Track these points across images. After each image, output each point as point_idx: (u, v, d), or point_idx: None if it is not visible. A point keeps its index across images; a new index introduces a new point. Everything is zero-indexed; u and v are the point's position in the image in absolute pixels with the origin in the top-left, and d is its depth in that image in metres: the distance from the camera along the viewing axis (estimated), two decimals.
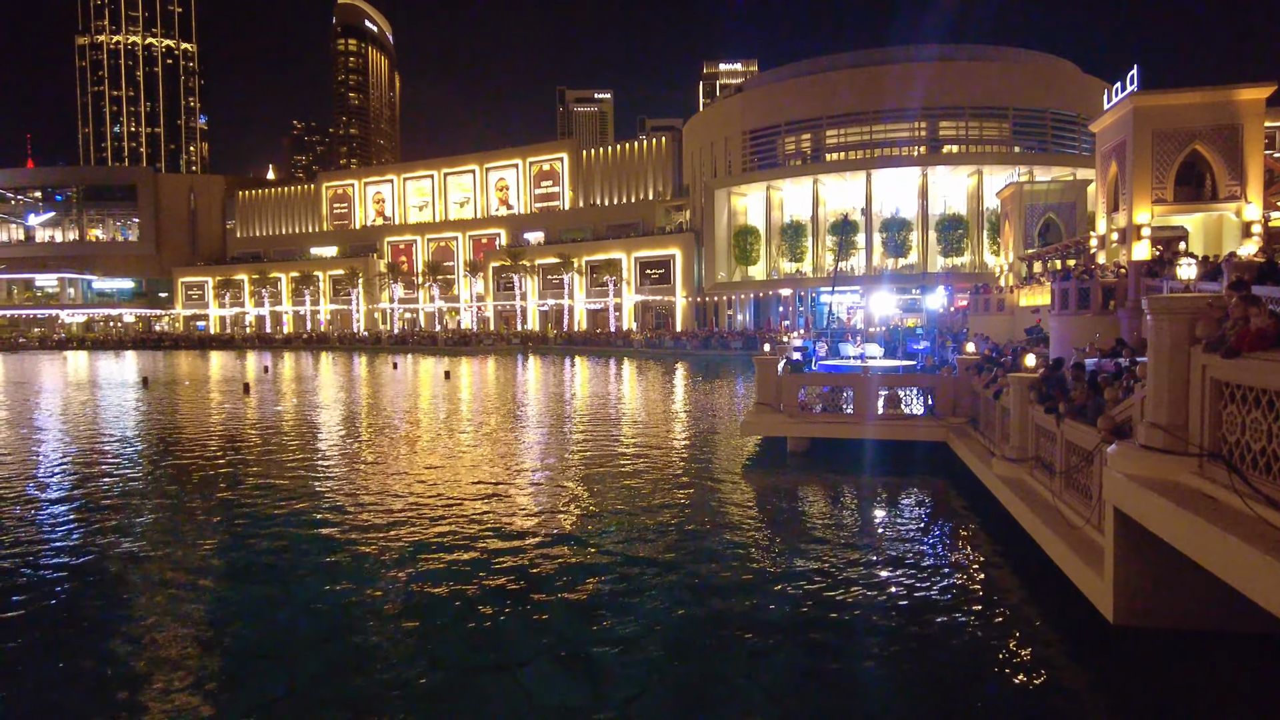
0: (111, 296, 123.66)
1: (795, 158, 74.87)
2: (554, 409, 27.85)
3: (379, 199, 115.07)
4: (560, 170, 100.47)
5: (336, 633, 8.21)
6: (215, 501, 13.95)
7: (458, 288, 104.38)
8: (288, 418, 26.54)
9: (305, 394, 35.29)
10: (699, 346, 67.05)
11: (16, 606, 8.86)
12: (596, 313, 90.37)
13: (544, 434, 21.75)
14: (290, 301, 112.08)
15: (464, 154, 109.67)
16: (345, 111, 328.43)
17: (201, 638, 8.03)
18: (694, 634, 8.18)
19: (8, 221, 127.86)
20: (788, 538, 11.47)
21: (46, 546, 11.18)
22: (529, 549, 10.72)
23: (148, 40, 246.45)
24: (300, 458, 18.34)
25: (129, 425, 24.98)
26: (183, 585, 9.62)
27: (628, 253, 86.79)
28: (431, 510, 12.88)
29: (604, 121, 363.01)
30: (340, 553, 10.74)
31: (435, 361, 61.62)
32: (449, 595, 9.07)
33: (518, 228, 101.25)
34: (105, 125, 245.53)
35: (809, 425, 17.76)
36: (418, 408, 29.01)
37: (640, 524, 12.03)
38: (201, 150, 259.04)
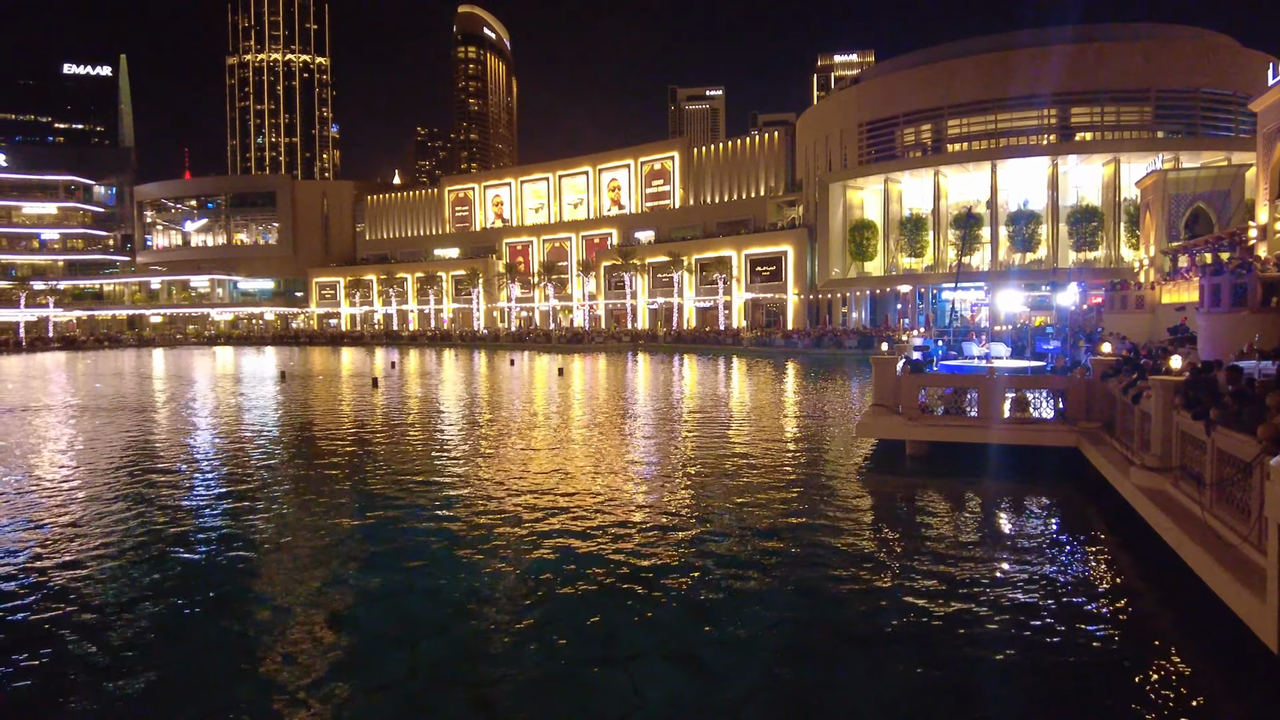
0: (254, 296, 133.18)
1: (915, 149, 72.23)
2: (663, 406, 28.00)
3: (498, 201, 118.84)
4: (671, 169, 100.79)
5: (454, 619, 8.55)
6: (345, 490, 14.77)
7: (571, 287, 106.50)
8: (412, 411, 27.82)
9: (429, 388, 36.89)
10: (811, 345, 65.79)
11: (171, 581, 9.67)
12: (706, 311, 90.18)
13: (653, 431, 21.90)
14: (415, 300, 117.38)
15: (577, 156, 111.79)
16: (465, 117, 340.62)
17: (332, 618, 8.54)
18: (805, 639, 8.05)
19: (168, 228, 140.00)
20: (905, 545, 11.11)
21: (197, 527, 12.15)
22: (639, 546, 10.84)
23: (287, 57, 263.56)
24: (424, 449, 19.18)
25: (268, 416, 26.84)
26: (315, 568, 10.26)
27: (738, 250, 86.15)
28: (545, 503, 13.21)
29: (715, 119, 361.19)
30: (459, 542, 11.17)
31: (549, 358, 63.10)
32: (561, 587, 9.29)
33: (629, 227, 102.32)
34: (250, 137, 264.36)
35: (929, 428, 17.11)
36: (533, 403, 29.80)
37: (750, 525, 11.94)
38: (334, 158, 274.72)
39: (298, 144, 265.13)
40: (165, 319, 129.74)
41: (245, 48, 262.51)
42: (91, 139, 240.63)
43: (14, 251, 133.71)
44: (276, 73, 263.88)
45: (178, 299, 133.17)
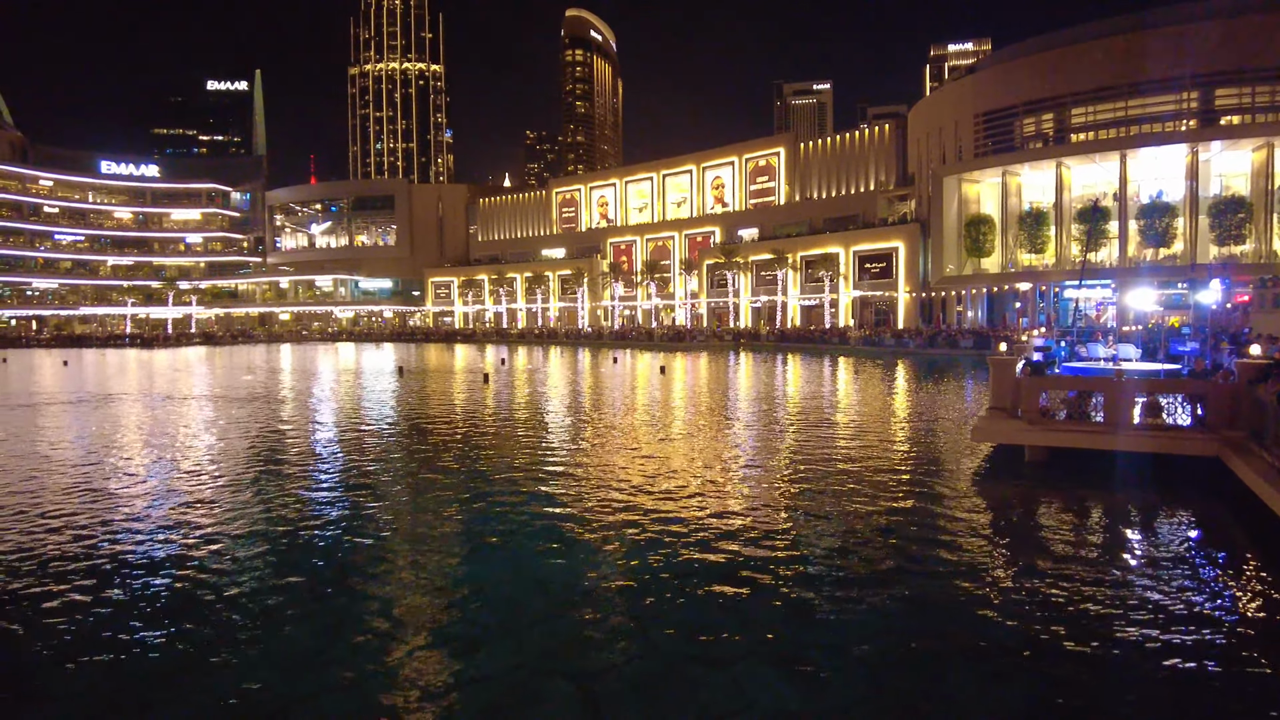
0: (374, 294, 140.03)
1: (1035, 140, 68.52)
2: (766, 406, 27.65)
3: (603, 202, 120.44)
4: (776, 165, 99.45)
5: (559, 610, 8.70)
6: (456, 480, 15.28)
7: (673, 285, 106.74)
8: (520, 406, 28.55)
9: (536, 385, 37.76)
10: (923, 345, 63.52)
11: (294, 562, 10.25)
12: (811, 309, 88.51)
13: (756, 431, 21.65)
14: (524, 299, 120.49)
15: (681, 154, 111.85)
16: (572, 120, 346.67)
17: (442, 606, 8.84)
18: (914, 648, 7.76)
19: (296, 230, 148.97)
20: (1022, 556, 10.54)
21: (320, 512, 12.84)
22: (742, 546, 10.72)
23: (404, 65, 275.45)
24: (531, 443, 19.63)
25: (387, 408, 28.10)
26: (426, 554, 10.65)
27: (845, 246, 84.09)
28: (648, 499, 13.26)
29: (822, 113, 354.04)
30: (563, 534, 11.36)
31: (651, 356, 63.44)
32: (663, 584, 9.29)
33: (732, 225, 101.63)
34: (370, 143, 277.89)
35: (1051, 433, 16.19)
36: (635, 400, 30.03)
37: (857, 529, 11.62)
38: (448, 162, 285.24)
39: (414, 149, 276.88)
40: (293, 316, 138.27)
41: (366, 58, 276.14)
42: (229, 149, 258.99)
43: (164, 254, 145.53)
44: (394, 81, 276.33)
45: (304, 297, 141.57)
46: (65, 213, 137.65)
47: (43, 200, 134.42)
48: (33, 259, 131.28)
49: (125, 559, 10.38)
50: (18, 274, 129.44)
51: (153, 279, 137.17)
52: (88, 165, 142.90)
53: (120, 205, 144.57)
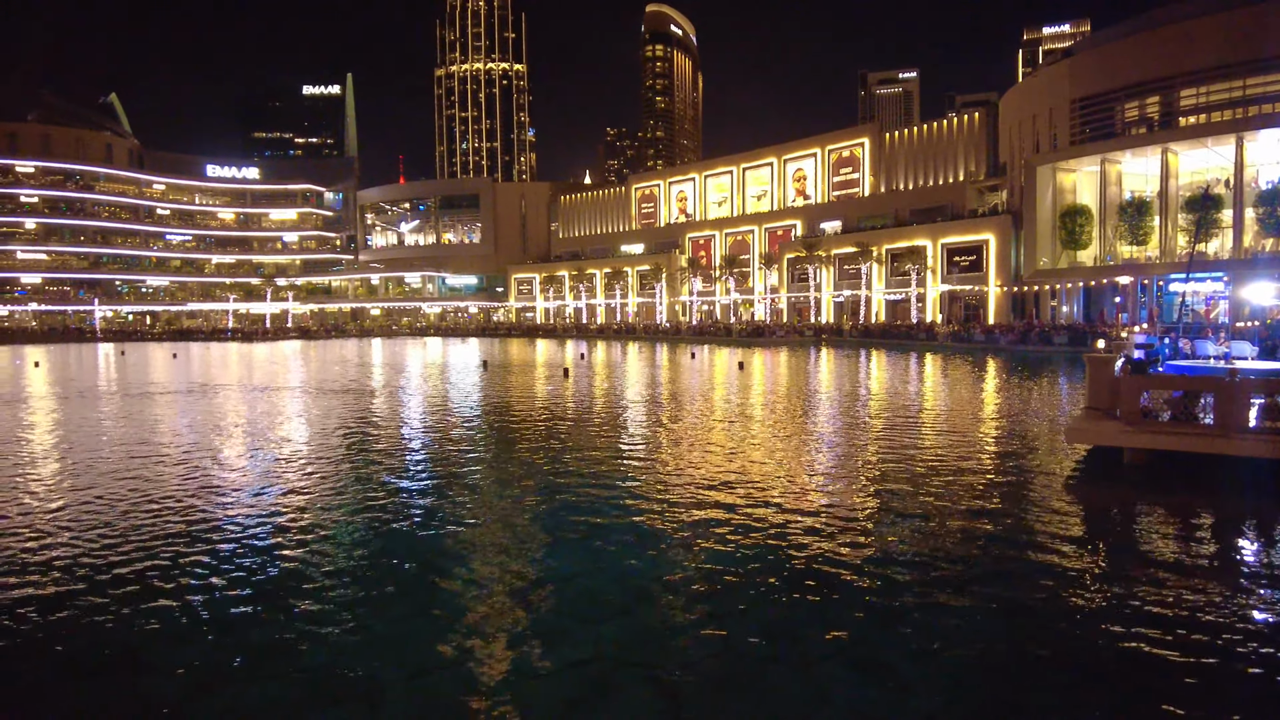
0: (459, 291, 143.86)
1: (1138, 125, 64.86)
2: (849, 403, 27.12)
3: (681, 197, 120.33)
4: (860, 156, 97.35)
5: (638, 604, 8.75)
6: (538, 472, 15.54)
7: (752, 280, 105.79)
8: (600, 399, 28.83)
9: (614, 379, 38.06)
10: (1014, 341, 61.13)
11: (382, 549, 10.62)
12: (896, 304, 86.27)
13: (838, 428, 21.26)
14: (603, 295, 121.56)
15: (762, 147, 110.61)
16: (652, 115, 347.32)
17: (524, 595, 9.01)
18: (1001, 656, 7.49)
19: (386, 229, 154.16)
20: (1119, 565, 10.03)
21: (407, 501, 13.26)
22: (822, 545, 10.55)
23: (488, 65, 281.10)
24: (610, 436, 19.80)
25: (472, 401, 28.81)
26: (509, 544, 10.88)
27: (933, 239, 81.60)
28: (727, 496, 13.19)
29: (908, 102, 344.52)
30: (642, 528, 11.41)
31: (729, 352, 63.05)
32: (742, 583, 9.23)
33: (814, 218, 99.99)
34: (456, 143, 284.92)
35: (1153, 435, 15.33)
36: (713, 395, 29.91)
37: (942, 531, 11.27)
38: (530, 160, 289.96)
39: (498, 148, 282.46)
40: (383, 312, 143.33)
41: (451, 59, 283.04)
42: (323, 150, 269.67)
43: (263, 252, 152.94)
44: (479, 81, 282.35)
45: (394, 294, 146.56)
46: (175, 214, 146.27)
47: (156, 203, 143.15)
48: (147, 258, 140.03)
49: (228, 541, 10.97)
50: (134, 272, 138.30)
51: (252, 276, 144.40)
52: (195, 169, 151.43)
53: (223, 206, 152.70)
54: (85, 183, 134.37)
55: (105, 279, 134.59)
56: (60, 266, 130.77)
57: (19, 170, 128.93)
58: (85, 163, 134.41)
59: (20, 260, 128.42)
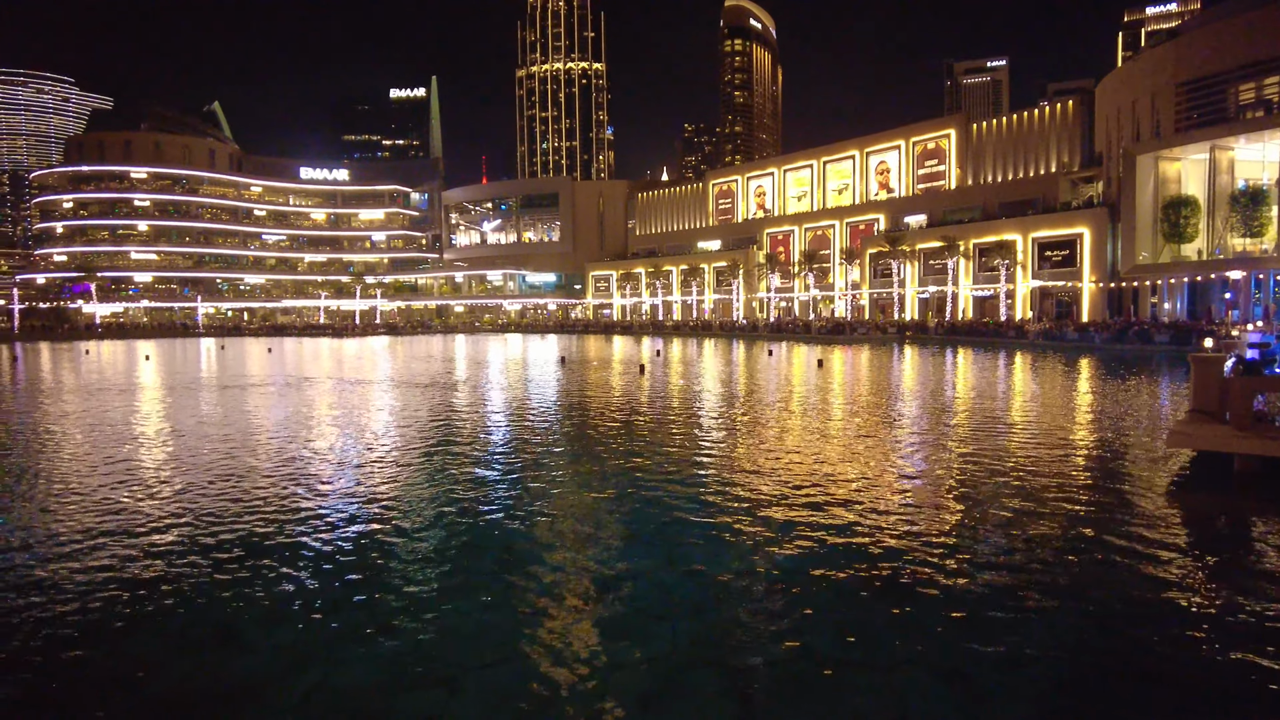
0: (539, 288, 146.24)
1: (1254, 108, 60.64)
2: (933, 403, 26.33)
3: (760, 192, 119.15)
4: (946, 148, 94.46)
5: (712, 602, 8.69)
6: (613, 466, 15.62)
7: (832, 276, 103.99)
8: (675, 396, 28.81)
9: (690, 376, 37.98)
10: (1110, 339, 58.24)
11: (461, 540, 10.85)
12: (984, 300, 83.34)
13: (921, 429, 20.67)
14: (679, 292, 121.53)
15: (843, 140, 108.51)
16: (731, 110, 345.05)
17: (599, 589, 9.06)
18: (1092, 670, 7.13)
19: (469, 228, 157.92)
20: (1227, 578, 9.40)
21: (486, 493, 13.52)
22: (901, 548, 10.26)
23: (568, 65, 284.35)
24: (685, 433, 19.77)
25: (550, 396, 29.21)
26: (585, 537, 10.96)
27: (1023, 233, 78.49)
28: (804, 497, 12.99)
29: (997, 91, 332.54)
30: (716, 525, 11.33)
31: (808, 349, 62.10)
32: (817, 583, 9.07)
33: (897, 211, 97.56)
34: (536, 143, 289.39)
35: (1267, 441, 14.33)
36: (791, 393, 29.51)
37: (1031, 538, 10.81)
38: (608, 158, 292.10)
39: (577, 147, 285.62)
40: (466, 309, 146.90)
41: (532, 60, 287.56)
42: (409, 152, 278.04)
43: (353, 251, 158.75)
44: (559, 81, 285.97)
45: (476, 291, 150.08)
46: (271, 215, 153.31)
47: (253, 204, 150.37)
48: (245, 257, 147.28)
49: (316, 527, 11.42)
50: (234, 271, 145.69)
51: (342, 274, 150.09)
52: (289, 171, 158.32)
53: (315, 207, 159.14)
54: (190, 186, 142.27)
55: (207, 277, 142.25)
56: (168, 266, 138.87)
57: (133, 176, 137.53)
58: (191, 168, 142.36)
59: (134, 260, 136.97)
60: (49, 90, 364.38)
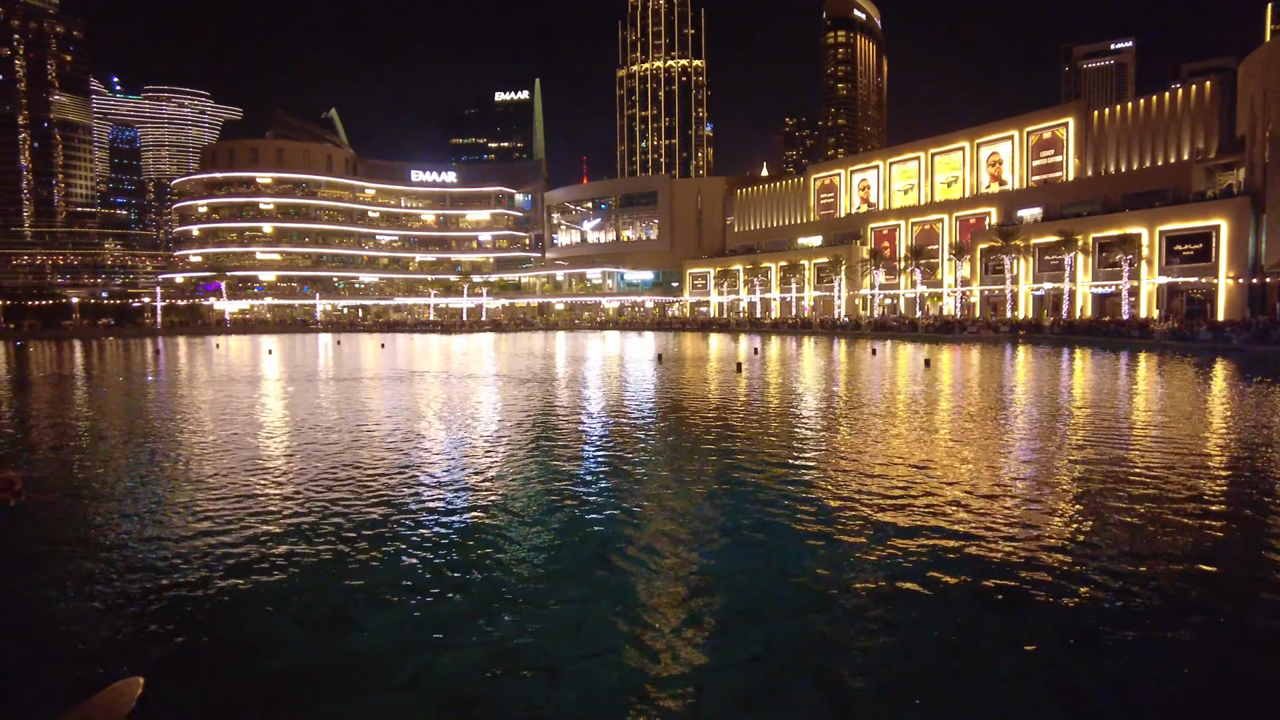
0: (636, 286, 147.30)
1: None
2: (1048, 407, 25.03)
3: (864, 186, 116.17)
4: (1064, 137, 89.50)
5: (811, 606, 8.53)
6: (709, 464, 15.56)
7: (941, 272, 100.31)
8: (773, 395, 28.46)
9: (788, 374, 37.43)
10: (1251, 340, 53.83)
11: (559, 532, 11.04)
12: (1104, 298, 78.60)
13: (1033, 434, 19.68)
14: (778, 289, 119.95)
15: (952, 131, 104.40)
16: (833, 103, 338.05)
17: (696, 588, 9.05)
18: (1218, 691, 6.61)
19: (570, 227, 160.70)
20: None
21: (583, 487, 13.71)
22: (1013, 559, 9.79)
23: (668, 63, 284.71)
24: (783, 433, 19.50)
25: (646, 392, 29.37)
26: (680, 535, 10.97)
27: (1149, 226, 73.53)
28: (907, 500, 12.60)
29: (1121, 75, 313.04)
30: (814, 528, 11.12)
31: (914, 348, 60.13)
32: (923, 592, 8.77)
33: (1010, 205, 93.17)
34: (636, 142, 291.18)
35: None
36: (895, 394, 28.66)
37: (1155, 553, 10.11)
38: (707, 155, 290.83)
39: (676, 145, 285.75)
40: (566, 306, 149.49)
41: (632, 59, 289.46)
42: (513, 154, 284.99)
43: (460, 251, 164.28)
44: (658, 79, 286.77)
45: (576, 289, 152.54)
46: (384, 217, 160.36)
47: (367, 206, 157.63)
48: (360, 257, 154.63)
49: (422, 515, 11.86)
50: (349, 270, 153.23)
51: (450, 273, 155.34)
52: (401, 175, 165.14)
53: (425, 209, 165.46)
54: (310, 190, 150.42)
55: (325, 276, 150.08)
56: (289, 265, 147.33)
57: (258, 181, 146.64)
58: (310, 172, 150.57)
59: (259, 260, 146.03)
60: (188, 104, 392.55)
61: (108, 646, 7.53)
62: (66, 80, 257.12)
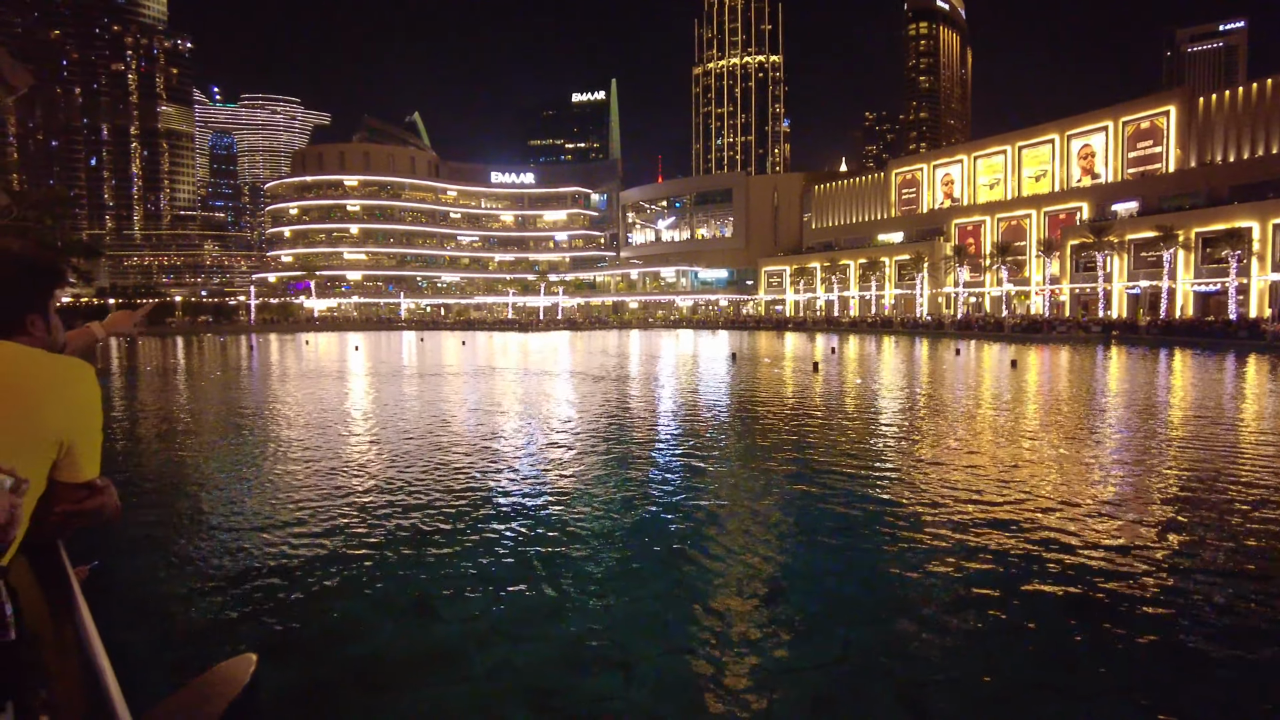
0: (711, 284, 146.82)
1: None
2: (1144, 413, 23.82)
3: (947, 180, 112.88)
4: (1164, 126, 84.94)
5: (890, 612, 8.33)
6: (783, 465, 15.38)
7: (1028, 269, 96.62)
8: (851, 395, 27.94)
9: (867, 375, 36.68)
10: None
11: (635, 528, 11.08)
12: (1208, 296, 74.27)
13: (1133, 443, 18.75)
14: (856, 287, 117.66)
15: (1042, 123, 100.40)
16: (915, 96, 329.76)
17: (770, 588, 8.96)
18: None
19: (644, 226, 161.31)
20: None
21: (657, 484, 13.73)
22: (1108, 572, 9.35)
23: (744, 60, 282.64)
24: (861, 434, 19.12)
25: (720, 391, 29.24)
26: (753, 535, 10.86)
27: (1261, 219, 69.10)
28: (990, 509, 12.17)
29: (1231, 58, 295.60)
30: (892, 533, 10.86)
31: (1000, 349, 58.08)
32: (1009, 601, 8.46)
33: (1104, 199, 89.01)
34: (711, 139, 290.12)
35: None
36: (980, 397, 27.75)
37: (1265, 568, 9.51)
38: (784, 151, 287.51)
39: (752, 142, 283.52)
40: (640, 305, 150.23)
41: (708, 56, 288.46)
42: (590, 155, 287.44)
43: (537, 251, 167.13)
44: (735, 76, 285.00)
45: (650, 288, 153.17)
46: (465, 218, 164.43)
47: (449, 208, 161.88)
48: (442, 257, 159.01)
49: (499, 508, 12.09)
50: (432, 270, 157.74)
51: (528, 273, 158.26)
52: (481, 176, 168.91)
53: (504, 209, 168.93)
54: (394, 192, 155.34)
55: (408, 275, 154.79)
56: (375, 265, 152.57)
57: (346, 184, 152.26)
58: (394, 174, 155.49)
59: (346, 260, 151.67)
60: (280, 110, 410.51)
61: (211, 626, 7.95)
62: (172, 92, 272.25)
